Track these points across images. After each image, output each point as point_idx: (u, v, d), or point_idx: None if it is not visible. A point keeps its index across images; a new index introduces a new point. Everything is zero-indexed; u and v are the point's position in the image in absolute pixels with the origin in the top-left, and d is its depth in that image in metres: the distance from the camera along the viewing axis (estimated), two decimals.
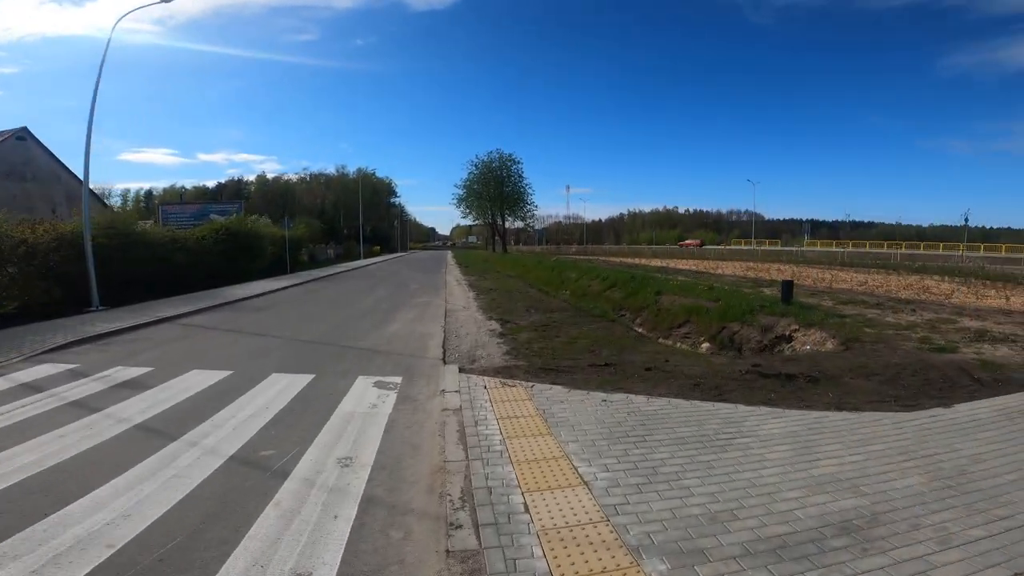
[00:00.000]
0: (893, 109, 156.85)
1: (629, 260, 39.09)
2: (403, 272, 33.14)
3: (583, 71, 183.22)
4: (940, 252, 48.85)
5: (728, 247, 71.10)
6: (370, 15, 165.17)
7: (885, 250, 50.38)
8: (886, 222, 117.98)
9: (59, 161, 31.27)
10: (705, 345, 10.61)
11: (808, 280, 18.71)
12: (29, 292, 13.92)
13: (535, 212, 68.68)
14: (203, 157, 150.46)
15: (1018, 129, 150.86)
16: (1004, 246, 54.27)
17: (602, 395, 5.61)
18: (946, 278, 19.09)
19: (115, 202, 77.66)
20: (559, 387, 5.94)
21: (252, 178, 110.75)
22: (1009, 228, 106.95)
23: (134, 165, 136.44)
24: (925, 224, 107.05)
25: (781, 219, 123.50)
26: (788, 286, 10.85)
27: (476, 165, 63.70)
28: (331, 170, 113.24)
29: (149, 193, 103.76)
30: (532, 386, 6.01)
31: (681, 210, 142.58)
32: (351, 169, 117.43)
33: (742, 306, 10.87)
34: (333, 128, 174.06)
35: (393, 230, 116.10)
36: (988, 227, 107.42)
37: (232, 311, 14.48)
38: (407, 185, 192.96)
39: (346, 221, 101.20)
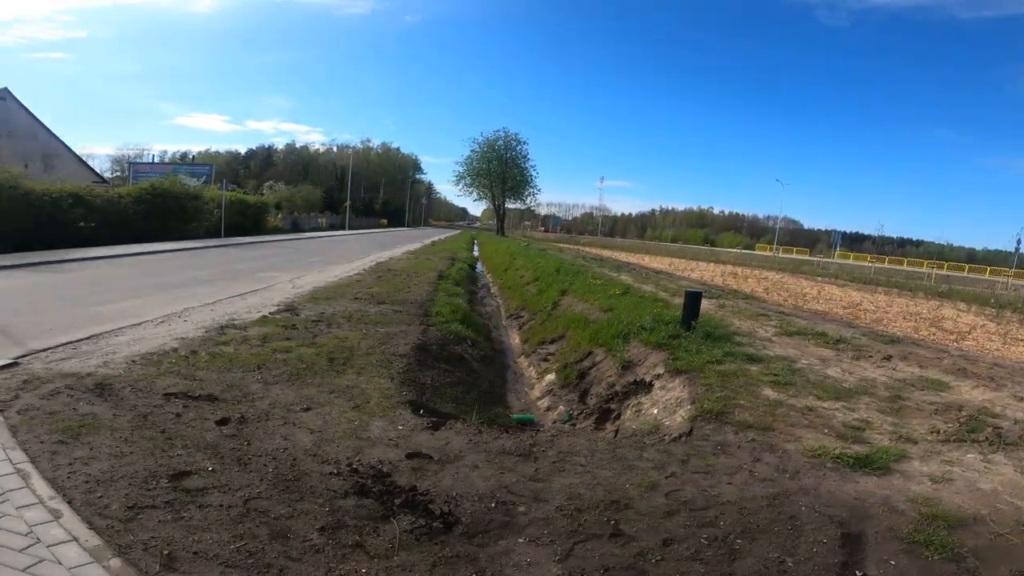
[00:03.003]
0: (963, 125, 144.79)
1: (607, 253, 34.95)
2: (347, 244, 30.23)
3: (639, 64, 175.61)
4: (985, 277, 42.84)
5: (741, 251, 65.62)
6: None
7: (923, 269, 44.40)
8: (937, 241, 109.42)
9: (39, 121, 31.36)
10: (549, 377, 7.15)
11: (782, 293, 14.73)
12: None
13: (537, 194, 65.08)
14: (252, 125, 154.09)
15: None
16: None
17: None
18: (973, 308, 14.80)
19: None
20: None
21: (281, 146, 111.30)
22: None
23: (188, 129, 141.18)
24: (981, 247, 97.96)
25: (823, 228, 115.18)
26: (693, 301, 7.18)
27: (479, 142, 60.08)
28: (356, 143, 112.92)
29: (184, 156, 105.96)
30: None
31: (715, 211, 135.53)
32: (375, 143, 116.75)
33: (618, 326, 7.29)
34: (380, 104, 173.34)
35: (417, 205, 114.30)
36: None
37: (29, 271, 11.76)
38: (445, 164, 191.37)
39: (365, 193, 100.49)
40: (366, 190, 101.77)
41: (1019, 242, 48.31)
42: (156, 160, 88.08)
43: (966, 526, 2.68)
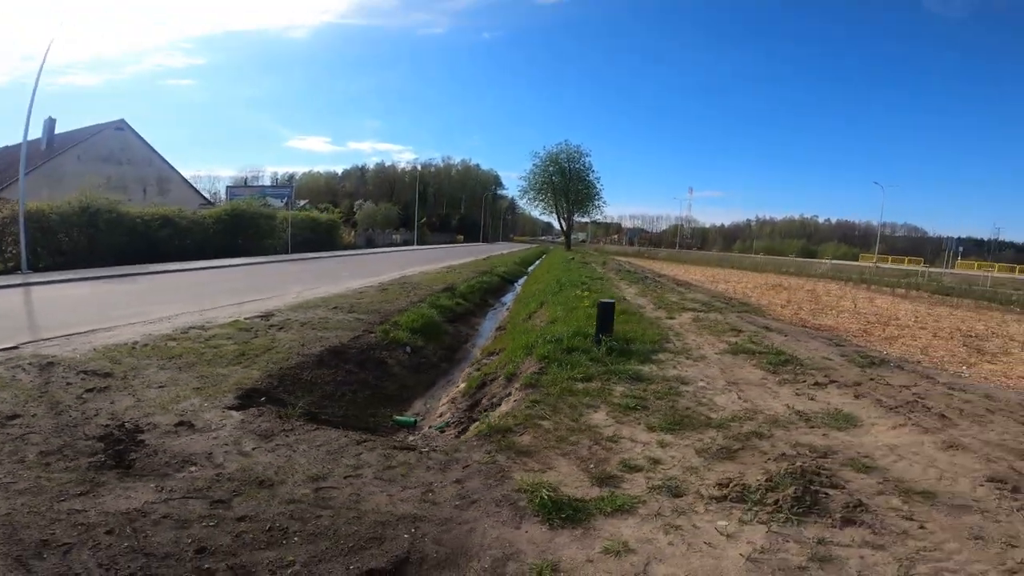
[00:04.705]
0: None
1: (658, 265, 33.25)
2: (395, 258, 31.59)
3: (722, 71, 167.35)
4: None
5: (833, 262, 59.03)
6: (496, 8, 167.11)
7: None
8: None
9: (153, 149, 36.07)
10: (462, 386, 7.17)
11: (809, 306, 13.20)
12: None
13: (603, 207, 63.67)
14: (352, 145, 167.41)
15: None
16: None
17: None
18: None
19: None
20: None
21: (372, 166, 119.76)
22: None
23: (298, 151, 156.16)
24: None
25: (957, 236, 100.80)
26: (604, 313, 6.81)
27: (540, 156, 59.64)
28: (438, 161, 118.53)
29: (291, 177, 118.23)
30: None
31: (821, 220, 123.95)
32: (456, 160, 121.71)
33: (531, 338, 7.10)
34: (466, 121, 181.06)
35: (500, 220, 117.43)
36: None
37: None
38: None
39: (447, 209, 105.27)
40: (447, 206, 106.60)
41: None
42: (269, 182, 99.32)
43: None
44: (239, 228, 26.65)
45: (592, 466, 3.56)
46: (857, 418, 4.83)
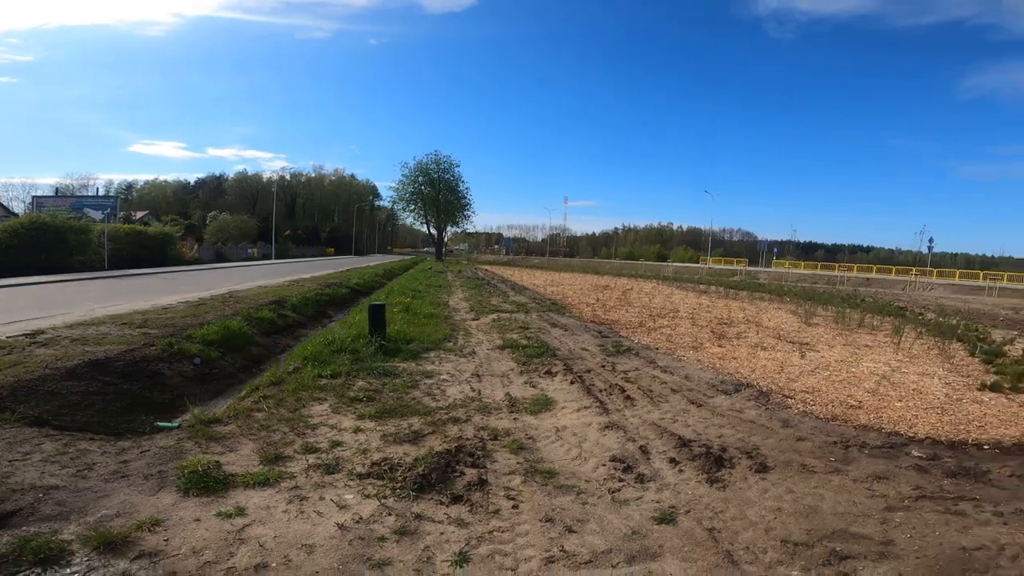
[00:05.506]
0: (911, 131, 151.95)
1: (516, 273, 35.38)
2: (237, 274, 29.54)
3: (593, 78, 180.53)
4: (891, 277, 44.87)
5: (678, 264, 67.49)
6: (385, 15, 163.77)
7: (836, 272, 46.26)
8: (890, 247, 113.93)
9: None
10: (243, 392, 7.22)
11: (627, 298, 15.05)
12: None
13: (472, 217, 65.41)
14: (213, 152, 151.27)
15: None
16: (958, 272, 49.93)
17: None
18: (795, 306, 15.36)
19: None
20: None
21: (232, 175, 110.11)
22: (1010, 257, 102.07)
23: (144, 157, 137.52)
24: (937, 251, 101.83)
25: (781, 239, 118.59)
26: (375, 314, 7.34)
27: (409, 166, 59.69)
28: (310, 170, 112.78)
29: (130, 186, 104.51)
30: None
31: (675, 227, 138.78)
32: (330, 169, 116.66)
33: (321, 342, 7.42)
34: (344, 130, 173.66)
35: (381, 232, 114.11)
36: (989, 255, 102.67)
37: None
38: None
39: (318, 221, 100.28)
40: (319, 218, 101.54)
41: (931, 243, 50.87)
42: (102, 191, 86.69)
43: None
44: (40, 243, 23.27)
45: (272, 448, 3.98)
46: (555, 402, 5.59)
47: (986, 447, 4.79)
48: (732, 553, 2.93)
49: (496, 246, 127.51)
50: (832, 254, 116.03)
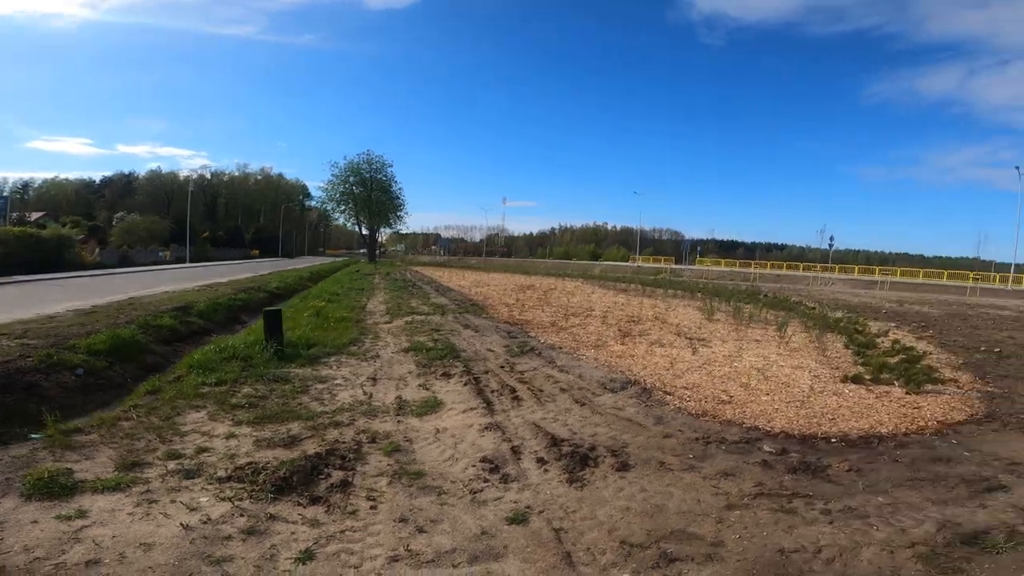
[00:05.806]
0: (820, 134, 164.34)
1: (446, 274, 35.58)
2: (135, 280, 27.83)
3: (532, 80, 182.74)
4: (799, 273, 49.12)
5: (608, 263, 70.35)
6: (322, 11, 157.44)
7: (751, 269, 50.08)
8: (802, 245, 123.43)
9: None
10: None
11: (547, 298, 15.51)
12: None
13: (405, 217, 64.81)
14: (123, 149, 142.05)
15: (926, 158, 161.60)
16: (857, 268, 55.35)
17: None
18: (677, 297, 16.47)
19: None
20: None
21: (143, 173, 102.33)
22: (906, 253, 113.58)
23: (45, 154, 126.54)
24: (842, 248, 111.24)
25: (704, 238, 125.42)
26: (271, 320, 7.27)
27: (340, 166, 58.02)
28: (233, 169, 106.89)
29: (26, 185, 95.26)
30: None
31: (609, 226, 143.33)
32: (255, 168, 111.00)
33: (213, 349, 7.22)
34: (271, 127, 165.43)
35: (313, 233, 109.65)
36: (886, 251, 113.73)
37: None
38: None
39: (242, 221, 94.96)
40: (243, 218, 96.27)
41: (832, 241, 56.33)
42: None
43: None
44: None
45: (131, 456, 3.93)
46: (444, 404, 5.62)
47: (833, 440, 4.84)
48: (572, 554, 2.98)
49: (433, 247, 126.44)
50: (751, 252, 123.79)
